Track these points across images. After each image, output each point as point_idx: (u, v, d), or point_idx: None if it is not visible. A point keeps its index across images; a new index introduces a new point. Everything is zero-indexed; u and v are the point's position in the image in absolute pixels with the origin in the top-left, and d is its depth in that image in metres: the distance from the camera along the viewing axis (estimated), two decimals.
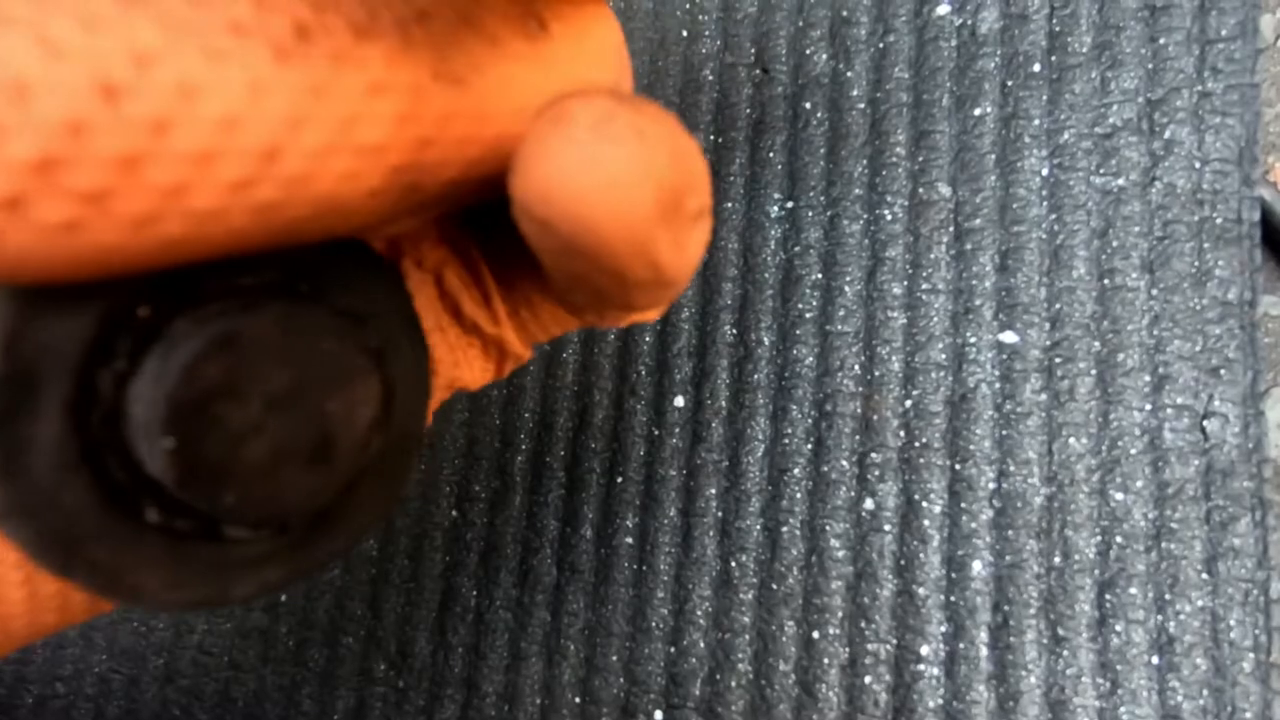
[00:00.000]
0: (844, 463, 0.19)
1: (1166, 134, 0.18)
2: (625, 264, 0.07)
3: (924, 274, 0.19)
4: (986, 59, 0.19)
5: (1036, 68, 0.19)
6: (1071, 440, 0.17)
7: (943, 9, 0.20)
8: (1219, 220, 0.18)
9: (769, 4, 0.22)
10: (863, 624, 0.18)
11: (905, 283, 0.19)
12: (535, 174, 0.06)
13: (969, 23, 0.20)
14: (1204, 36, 0.18)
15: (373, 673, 0.21)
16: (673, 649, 0.19)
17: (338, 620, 0.21)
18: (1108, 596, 0.17)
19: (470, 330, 0.10)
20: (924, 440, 0.18)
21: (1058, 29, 0.19)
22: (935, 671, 0.17)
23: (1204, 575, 0.16)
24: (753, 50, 0.22)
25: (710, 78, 0.22)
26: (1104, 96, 0.19)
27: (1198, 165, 0.18)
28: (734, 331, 0.20)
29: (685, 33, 0.22)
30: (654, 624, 0.19)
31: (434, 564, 0.21)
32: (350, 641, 0.21)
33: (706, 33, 0.22)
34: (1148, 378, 0.17)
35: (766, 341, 0.20)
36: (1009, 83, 0.19)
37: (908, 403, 0.19)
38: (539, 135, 0.06)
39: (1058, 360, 0.18)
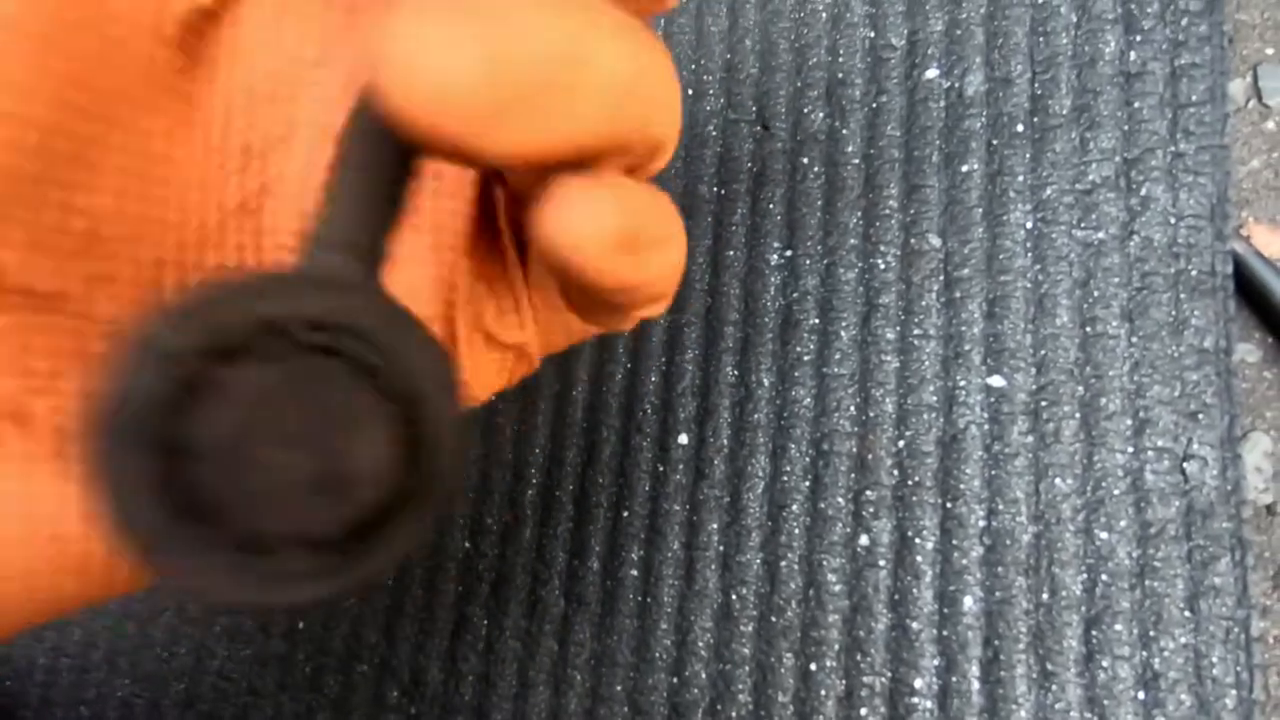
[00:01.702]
0: (840, 500, 0.19)
1: (1143, 191, 0.19)
2: (600, 281, 0.09)
3: (916, 320, 0.20)
4: (973, 119, 0.21)
5: (1020, 128, 0.20)
6: (1058, 480, 0.18)
7: (931, 72, 0.21)
8: (1194, 272, 0.19)
9: (769, 65, 0.23)
10: (858, 657, 0.18)
11: (898, 328, 0.20)
12: (542, 225, 0.09)
13: (956, 85, 0.21)
14: (1176, 101, 0.19)
15: (386, 700, 0.21)
16: (675, 679, 0.19)
17: (353, 648, 0.22)
18: (1094, 633, 0.17)
19: (489, 341, 0.12)
20: (916, 479, 0.19)
21: (1039, 92, 0.20)
22: (929, 704, 0.18)
23: (1186, 613, 0.17)
24: (754, 108, 0.23)
25: (714, 133, 0.23)
26: (1084, 155, 0.20)
27: (1173, 220, 0.19)
28: (735, 373, 0.21)
29: (690, 91, 0.24)
30: (657, 654, 0.20)
31: (447, 594, 0.22)
32: (365, 669, 0.22)
33: (711, 91, 0.24)
34: (1129, 421, 0.18)
35: (766, 383, 0.21)
36: (994, 141, 0.20)
37: (901, 443, 0.19)
38: (551, 198, 0.09)
39: (1043, 403, 0.19)
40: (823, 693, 0.18)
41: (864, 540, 0.19)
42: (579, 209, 0.09)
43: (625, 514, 0.21)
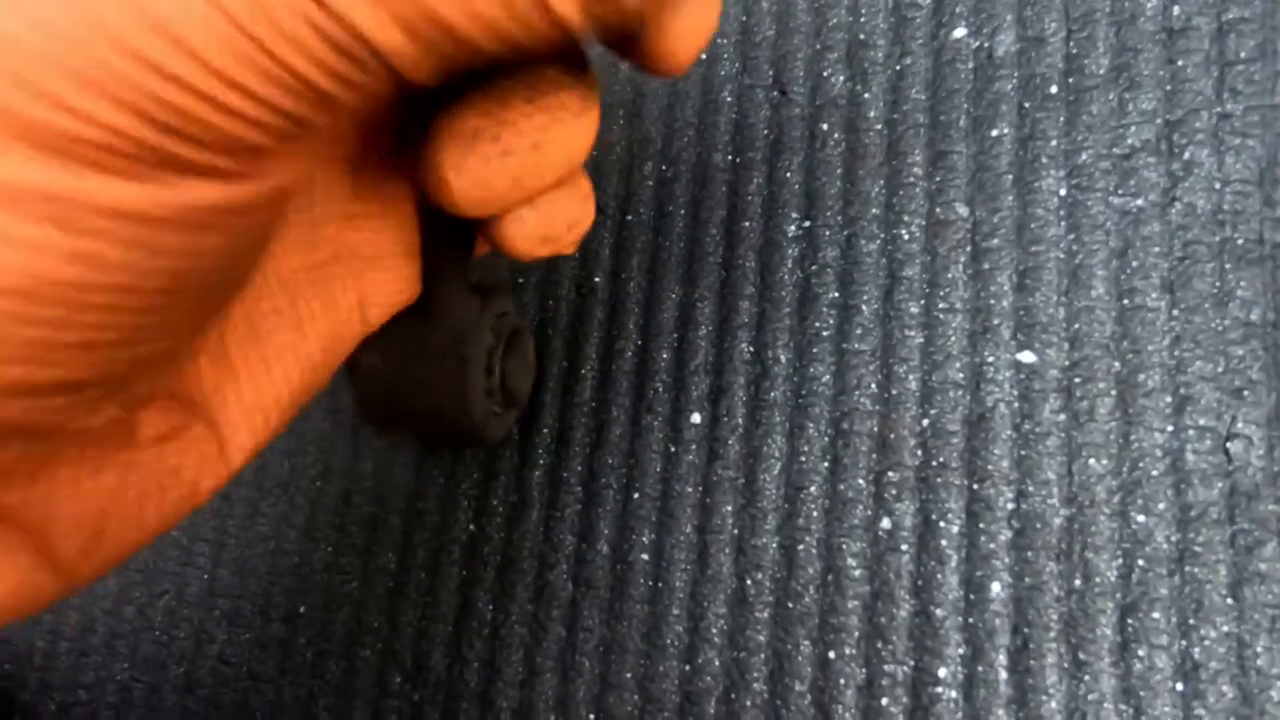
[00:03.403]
0: (861, 481, 0.19)
1: (1186, 155, 0.18)
2: (527, 258, 0.13)
3: (941, 293, 0.19)
4: (1003, 81, 0.20)
5: (1054, 89, 0.19)
6: (1091, 461, 0.17)
7: (959, 32, 0.20)
8: (1240, 241, 0.17)
9: (787, 27, 0.22)
10: (879, 645, 0.18)
11: (922, 302, 0.19)
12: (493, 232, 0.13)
13: (986, 45, 0.20)
14: (1223, 58, 0.18)
15: (389, 686, 0.21)
16: (688, 667, 0.19)
17: (355, 633, 0.21)
18: (1130, 621, 0.16)
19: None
20: (941, 460, 0.18)
21: (1074, 51, 0.19)
22: (953, 694, 0.17)
23: (1229, 600, 0.16)
24: (770, 72, 0.22)
25: (729, 99, 0.22)
26: (1122, 118, 0.19)
27: (1218, 186, 0.18)
28: (751, 349, 0.20)
29: (704, 55, 0.23)
30: (669, 641, 0.19)
31: (451, 578, 0.21)
32: (367, 654, 0.21)
33: (725, 55, 0.22)
34: (1169, 399, 0.17)
35: (783, 359, 0.20)
36: (1026, 104, 0.19)
37: (925, 422, 0.19)
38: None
39: (1077, 380, 0.18)
40: (842, 682, 0.18)
41: (885, 523, 0.18)
42: (515, 224, 0.12)
43: (635, 496, 0.20)
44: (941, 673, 0.17)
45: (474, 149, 0.11)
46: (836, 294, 0.20)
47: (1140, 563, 0.17)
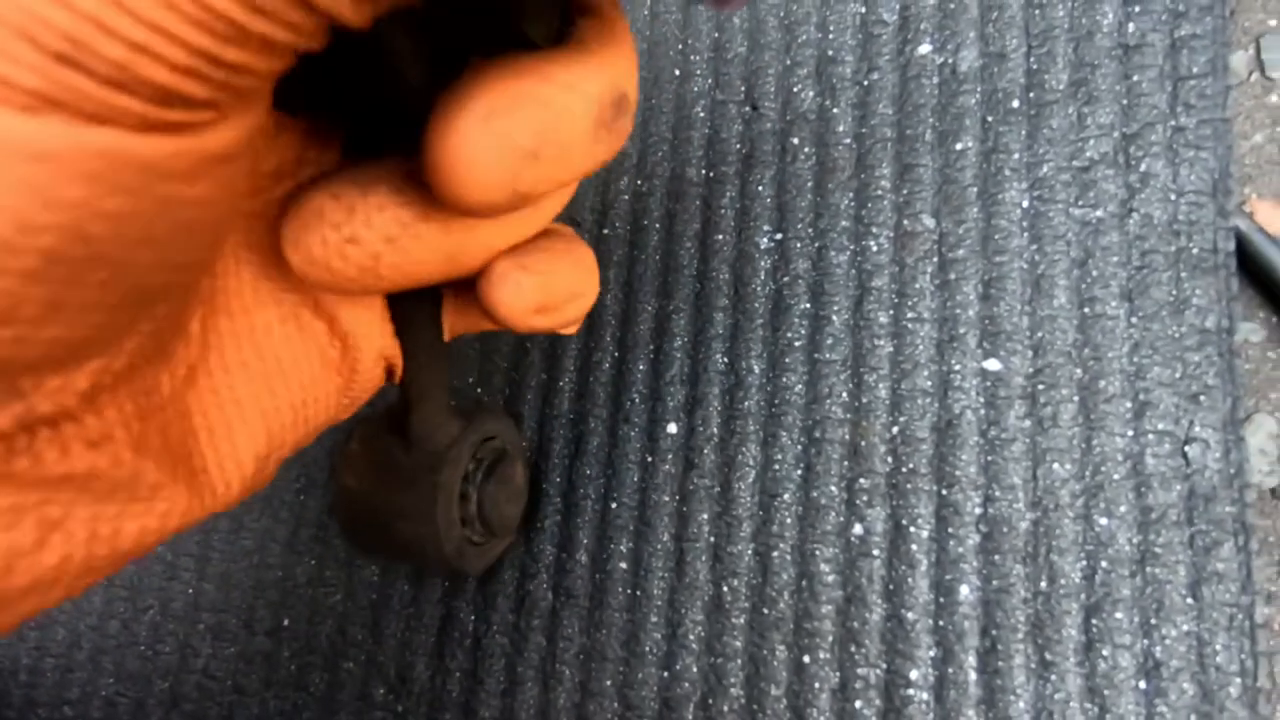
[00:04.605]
0: (833, 488, 0.19)
1: (1143, 167, 0.19)
2: (524, 330, 0.13)
3: (909, 303, 0.20)
4: (967, 96, 0.20)
5: (1015, 104, 0.20)
6: (1055, 466, 0.18)
7: (924, 48, 0.21)
8: (1195, 250, 0.18)
9: (758, 44, 0.22)
10: (853, 648, 0.18)
11: (891, 311, 0.20)
12: (483, 295, 0.13)
13: (950, 61, 0.20)
14: (1176, 73, 0.19)
15: (372, 697, 0.21)
16: (666, 674, 0.19)
17: (339, 645, 0.22)
18: (1094, 621, 0.17)
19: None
20: (911, 466, 0.19)
21: (1035, 67, 0.20)
22: (925, 696, 0.17)
23: (1189, 600, 0.17)
24: (742, 88, 0.22)
25: (702, 115, 0.23)
26: (1081, 131, 0.19)
27: (1173, 197, 0.18)
28: (725, 360, 0.21)
29: (678, 71, 0.23)
30: (648, 648, 0.19)
31: (433, 589, 0.21)
32: (351, 666, 0.21)
33: (698, 72, 0.23)
34: (1129, 404, 0.18)
35: (757, 369, 0.20)
36: (989, 118, 0.20)
37: (895, 429, 0.19)
38: (489, 277, 0.12)
39: (1041, 387, 0.18)
40: (817, 685, 0.18)
41: (858, 529, 0.19)
42: (508, 289, 0.12)
43: (614, 505, 0.20)
44: (913, 675, 0.17)
45: (313, 228, 0.10)
46: (808, 305, 0.20)
47: (1103, 564, 0.17)
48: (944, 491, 0.18)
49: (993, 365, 0.19)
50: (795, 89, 0.22)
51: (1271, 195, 0.19)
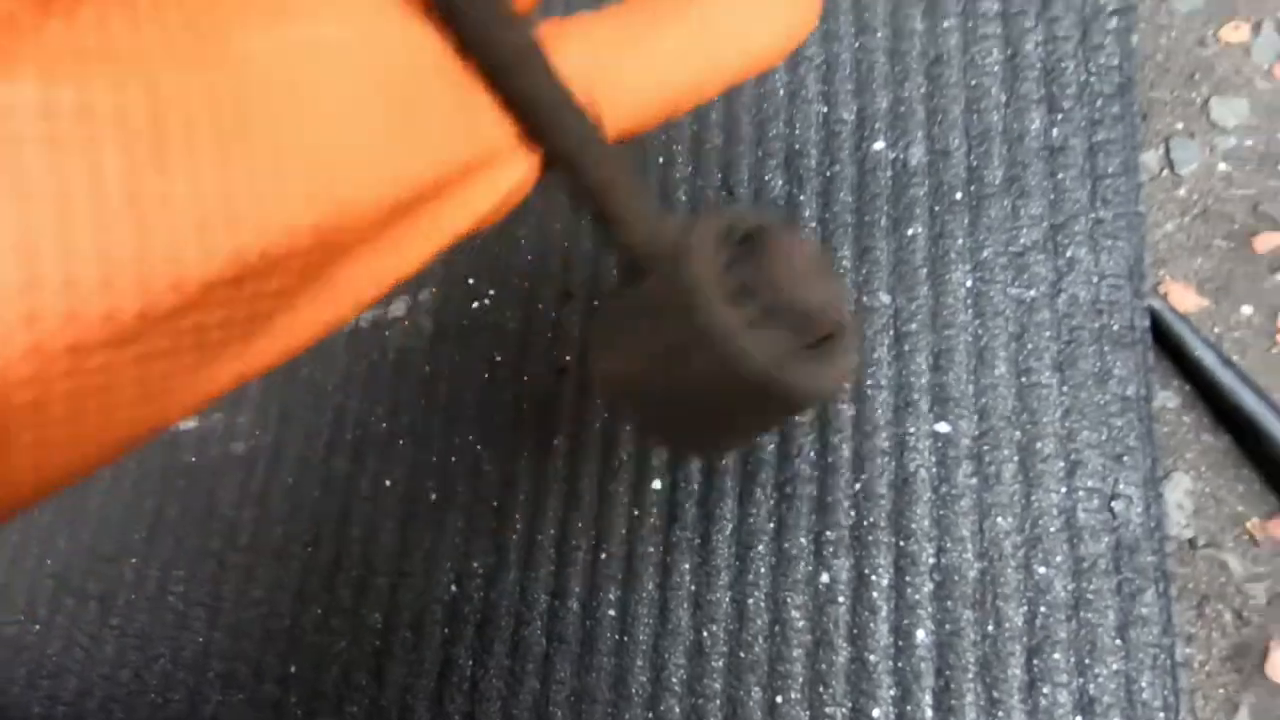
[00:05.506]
0: (803, 540, 0.21)
1: (1069, 253, 0.21)
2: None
3: (869, 371, 0.22)
4: (917, 187, 0.23)
5: (958, 195, 0.22)
6: (999, 519, 0.20)
7: (879, 145, 0.23)
8: (1116, 326, 0.20)
9: (733, 136, 0.25)
10: (821, 689, 0.20)
11: (854, 379, 0.22)
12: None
13: (901, 157, 0.23)
14: (1094, 172, 0.21)
15: None
16: (651, 715, 0.21)
17: (344, 690, 0.23)
18: (1035, 661, 0.19)
19: None
20: (872, 519, 0.21)
21: (975, 163, 0.22)
22: None
23: (1118, 641, 0.19)
24: (719, 175, 0.25)
25: (683, 198, 0.25)
26: (1015, 220, 0.22)
27: (1095, 280, 0.21)
28: None
29: (661, 159, 0.26)
30: (634, 690, 0.21)
31: (434, 636, 0.23)
32: (355, 710, 0.23)
33: (679, 159, 0.25)
34: (1062, 463, 0.20)
35: None
36: (936, 207, 0.22)
37: (857, 485, 0.21)
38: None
39: (985, 448, 0.20)
40: None
41: (825, 578, 0.20)
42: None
43: (603, 555, 0.22)
44: (875, 713, 0.19)
45: None
46: None
47: (1042, 609, 0.19)
48: (901, 543, 0.20)
49: (943, 428, 0.21)
50: (766, 177, 0.24)
51: (1182, 278, 0.22)
